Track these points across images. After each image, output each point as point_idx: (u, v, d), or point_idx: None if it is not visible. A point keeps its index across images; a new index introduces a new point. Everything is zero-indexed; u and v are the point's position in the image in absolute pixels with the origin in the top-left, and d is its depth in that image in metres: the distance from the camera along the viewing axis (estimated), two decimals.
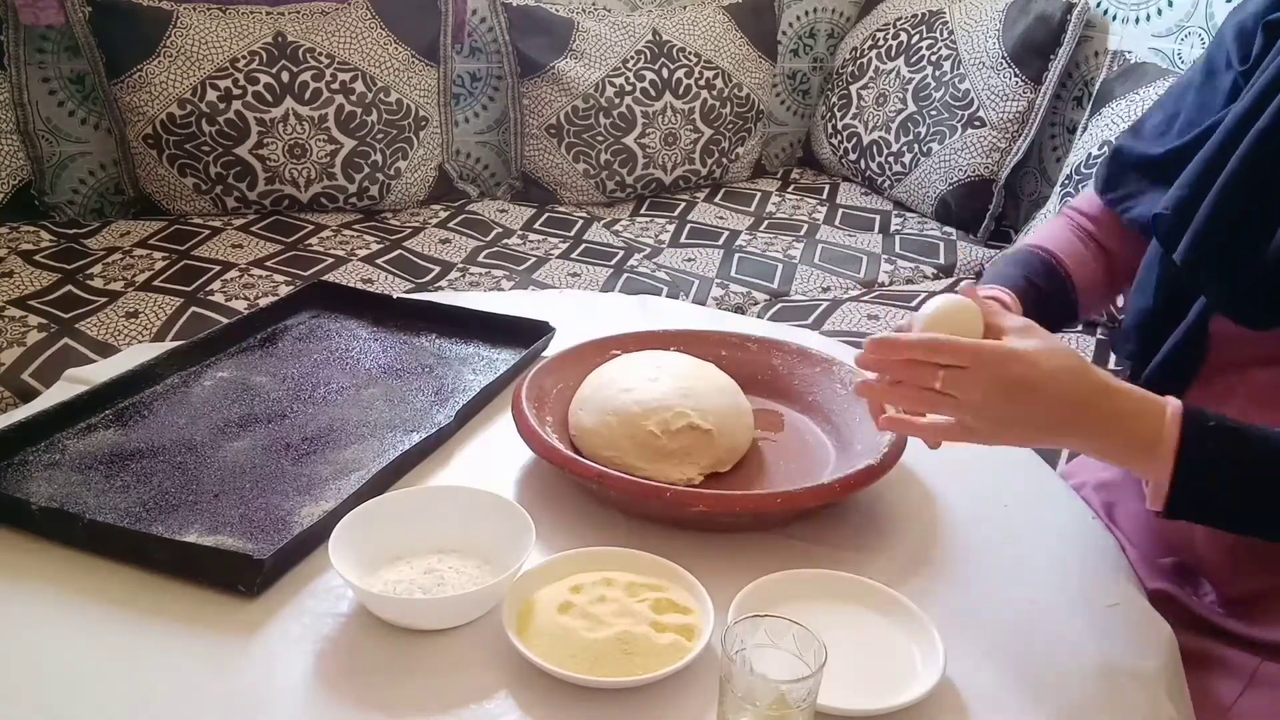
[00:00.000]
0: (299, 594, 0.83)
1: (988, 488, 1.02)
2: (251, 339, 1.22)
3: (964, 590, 0.88)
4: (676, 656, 0.74)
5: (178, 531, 0.87)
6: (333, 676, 0.75)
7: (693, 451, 0.96)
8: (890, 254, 2.22)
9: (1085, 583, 0.90)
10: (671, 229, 2.30)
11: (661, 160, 2.43)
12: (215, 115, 2.05)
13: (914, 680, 0.75)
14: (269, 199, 2.13)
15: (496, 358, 1.20)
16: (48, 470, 0.95)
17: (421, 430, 1.04)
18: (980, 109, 2.30)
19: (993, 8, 2.34)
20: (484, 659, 0.77)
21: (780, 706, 0.65)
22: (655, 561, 0.83)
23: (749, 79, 2.51)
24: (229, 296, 1.80)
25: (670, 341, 1.13)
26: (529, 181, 2.44)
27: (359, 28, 2.17)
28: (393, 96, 2.19)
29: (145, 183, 2.11)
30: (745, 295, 2.04)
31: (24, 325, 1.67)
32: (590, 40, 2.36)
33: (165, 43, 2.03)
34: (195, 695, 0.73)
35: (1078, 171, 1.98)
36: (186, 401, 1.08)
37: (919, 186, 2.39)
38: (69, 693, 0.73)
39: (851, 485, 0.91)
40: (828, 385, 1.09)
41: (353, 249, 2.02)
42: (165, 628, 0.79)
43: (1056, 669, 0.79)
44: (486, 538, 0.85)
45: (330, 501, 0.91)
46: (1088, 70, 2.33)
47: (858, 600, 0.83)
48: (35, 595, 0.82)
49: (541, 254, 2.10)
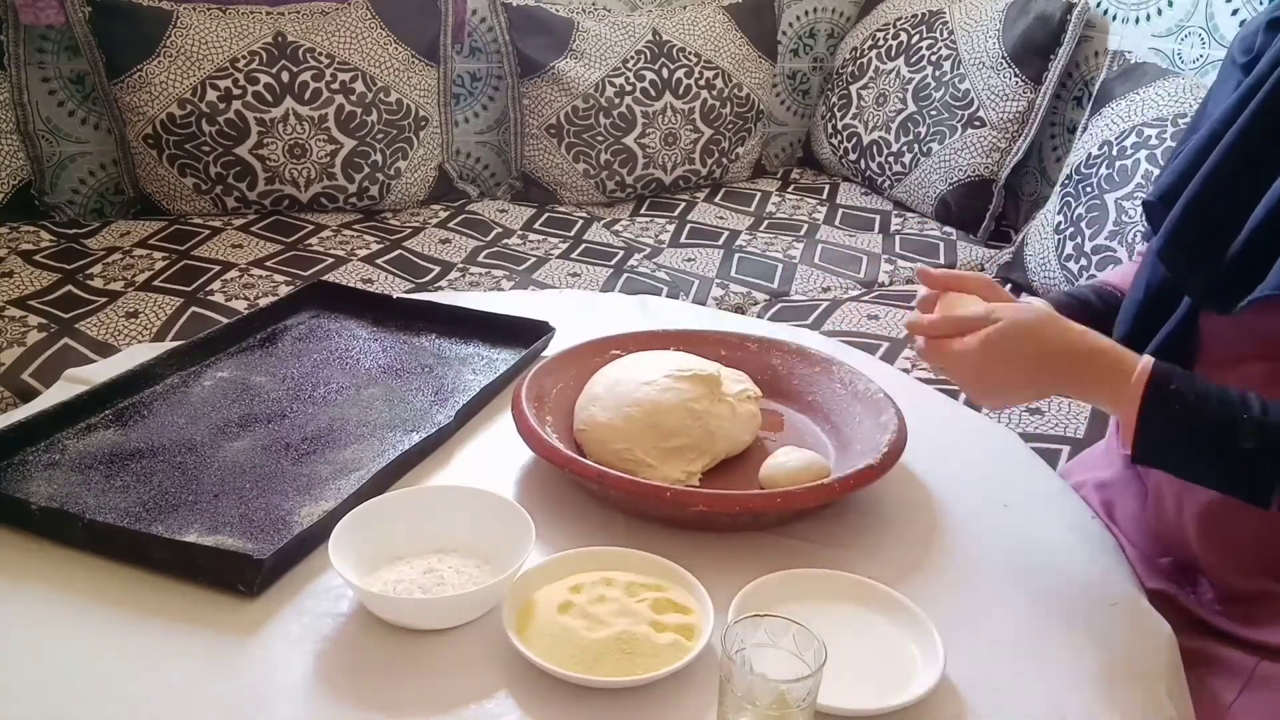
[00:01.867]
0: (299, 594, 0.83)
1: (988, 488, 1.02)
2: (251, 339, 1.22)
3: (964, 590, 0.88)
4: (676, 656, 0.74)
5: (178, 531, 0.87)
6: (333, 676, 0.75)
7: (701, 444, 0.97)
8: (890, 254, 2.22)
9: (1085, 583, 0.90)
10: (671, 229, 2.30)
11: (661, 160, 2.43)
12: (215, 115, 2.05)
13: (914, 680, 0.75)
14: (269, 199, 2.13)
15: (496, 358, 1.20)
16: (48, 470, 0.95)
17: (421, 430, 1.04)
18: (980, 109, 2.30)
19: (993, 8, 2.34)
20: (484, 659, 0.77)
21: (780, 706, 0.65)
22: (655, 561, 0.83)
23: (749, 79, 2.51)
24: (229, 296, 1.80)
25: (670, 341, 1.13)
26: (529, 181, 2.44)
27: (359, 28, 2.17)
28: (393, 96, 2.19)
29: (145, 183, 2.11)
30: (745, 295, 2.04)
31: (24, 325, 1.67)
32: (590, 40, 2.36)
33: (165, 43, 2.03)
34: (195, 695, 0.73)
35: (1077, 171, 1.98)
36: (186, 401, 1.08)
37: (919, 186, 2.39)
38: (69, 693, 0.73)
39: (851, 485, 0.91)
40: (828, 385, 1.09)
41: (353, 249, 2.02)
42: (165, 628, 0.79)
43: (1056, 669, 0.79)
44: (486, 538, 0.85)
45: (330, 501, 0.91)
46: (1088, 70, 2.33)
47: (858, 600, 0.83)
48: (35, 595, 0.82)
49: (541, 254, 2.10)
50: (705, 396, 0.99)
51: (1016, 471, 1.06)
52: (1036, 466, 1.08)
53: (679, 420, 0.97)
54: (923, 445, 1.01)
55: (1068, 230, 1.94)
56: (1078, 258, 1.90)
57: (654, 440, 0.96)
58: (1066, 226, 1.95)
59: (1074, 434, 1.55)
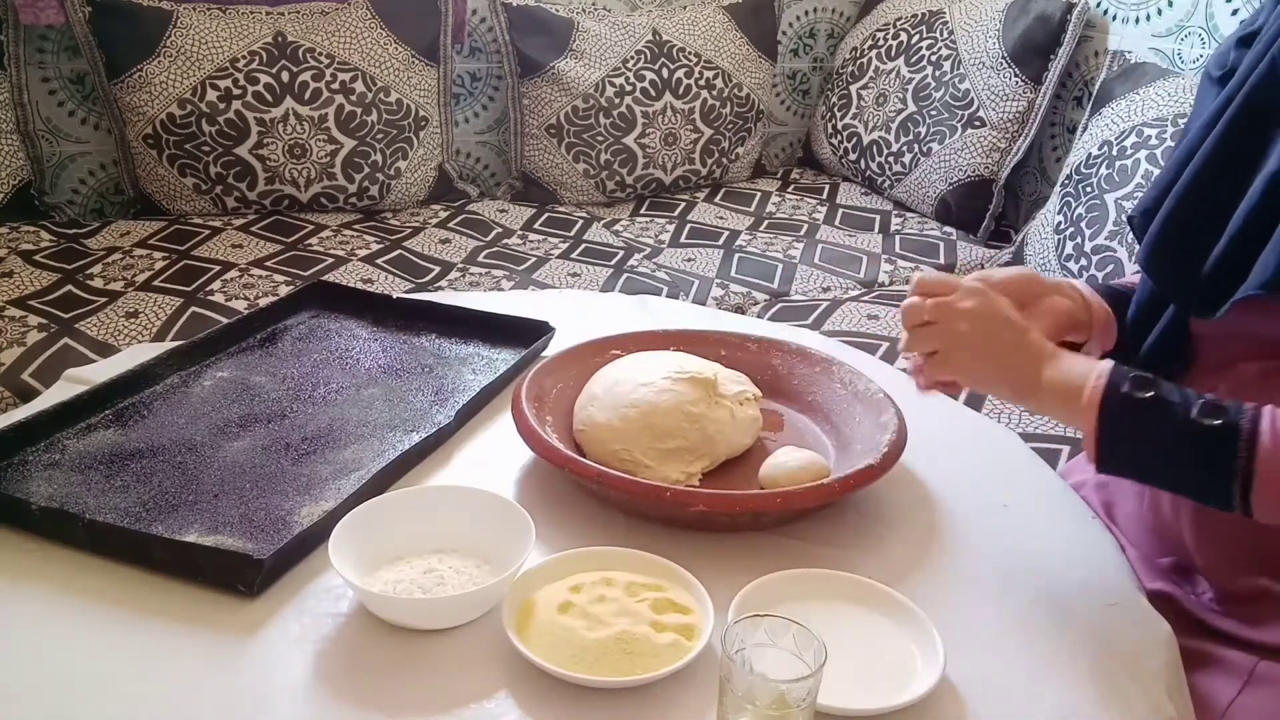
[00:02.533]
0: (299, 594, 0.83)
1: (988, 488, 1.02)
2: (251, 339, 1.22)
3: (964, 590, 0.88)
4: (676, 656, 0.74)
5: (178, 531, 0.87)
6: (333, 676, 0.75)
7: (699, 447, 0.97)
8: (890, 254, 2.22)
9: (1085, 583, 0.90)
10: (671, 229, 2.30)
11: (661, 160, 2.43)
12: (215, 115, 2.05)
13: (914, 680, 0.75)
14: (269, 199, 2.13)
15: (496, 358, 1.20)
16: (48, 470, 0.95)
17: (421, 430, 1.04)
18: (980, 109, 2.30)
19: (993, 8, 2.34)
20: (484, 659, 0.77)
21: (780, 706, 0.65)
22: (655, 561, 0.83)
23: (749, 79, 2.51)
24: (229, 296, 1.80)
25: (670, 341, 1.13)
26: (529, 181, 2.43)
27: (359, 28, 2.17)
28: (393, 96, 2.19)
29: (145, 183, 2.11)
30: (745, 295, 2.04)
31: (24, 325, 1.67)
32: (590, 40, 2.36)
33: (165, 43, 2.03)
34: (195, 695, 0.73)
35: (1077, 171, 1.98)
36: (186, 401, 1.08)
37: (919, 186, 2.39)
38: (69, 693, 0.73)
39: (851, 485, 0.91)
40: (828, 385, 1.09)
41: (353, 249, 2.02)
42: (165, 628, 0.79)
43: (1057, 669, 0.79)
44: (486, 538, 0.85)
45: (330, 501, 0.91)
46: (1088, 70, 2.33)
47: (858, 600, 0.83)
48: (35, 595, 0.82)
49: (541, 254, 2.09)
50: (702, 400, 0.99)
51: (1016, 471, 1.06)
52: (1036, 466, 1.08)
53: (675, 422, 0.97)
54: (923, 445, 1.01)
55: (1068, 230, 1.94)
56: (1078, 258, 1.90)
57: (650, 441, 0.96)
58: (1066, 226, 1.95)
59: (1074, 434, 1.54)
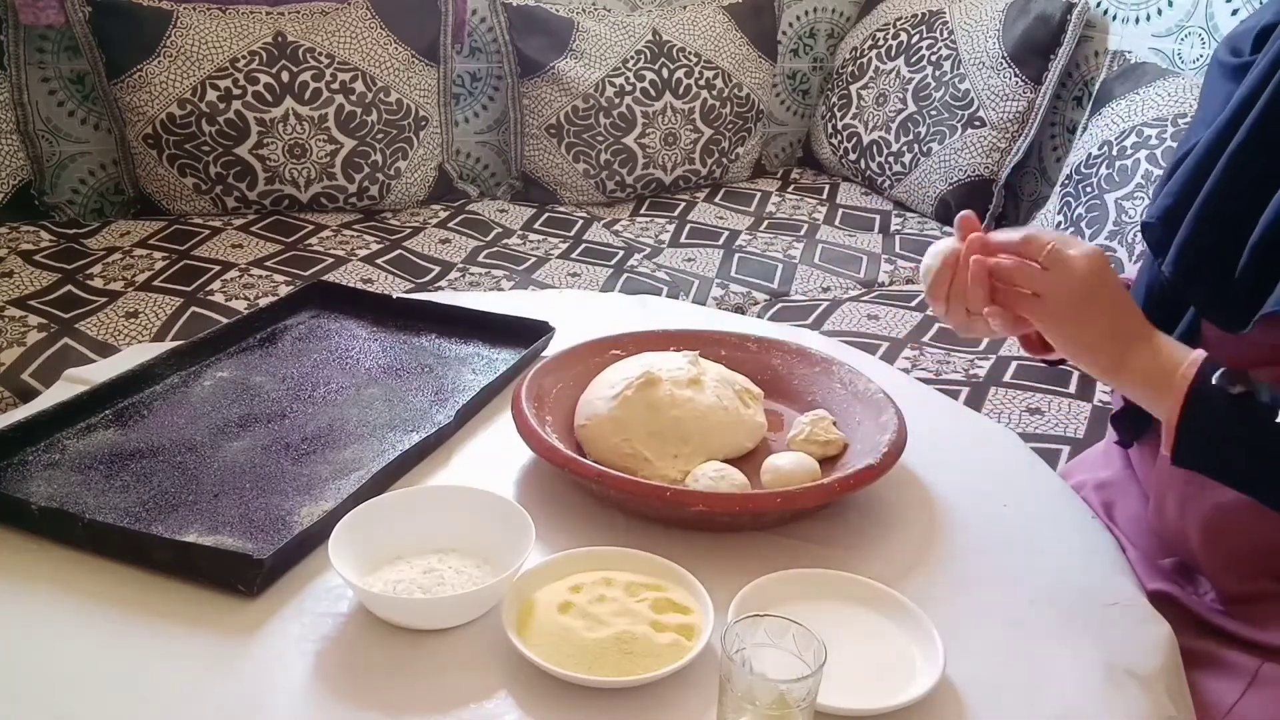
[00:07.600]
0: (299, 594, 0.83)
1: (988, 488, 1.02)
2: (251, 339, 1.22)
3: (964, 590, 0.88)
4: (676, 656, 0.74)
5: (177, 531, 0.87)
6: (333, 676, 0.75)
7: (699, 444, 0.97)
8: (890, 254, 2.22)
9: (1085, 583, 0.90)
10: (671, 229, 2.30)
11: (661, 160, 2.43)
12: (215, 115, 2.05)
13: (914, 680, 0.75)
14: (269, 199, 2.13)
15: (496, 358, 1.20)
16: (48, 470, 0.95)
17: (421, 430, 1.04)
18: (980, 109, 2.30)
19: (993, 8, 2.34)
20: (484, 659, 0.77)
21: (780, 706, 0.65)
22: (655, 561, 0.83)
23: (749, 79, 2.51)
24: (229, 296, 1.80)
25: (670, 341, 1.13)
26: (529, 181, 2.43)
27: (359, 28, 2.17)
28: (393, 96, 2.19)
29: (145, 183, 2.11)
30: (745, 295, 2.04)
31: (24, 325, 1.67)
32: (590, 40, 2.36)
33: (165, 43, 2.03)
34: (195, 695, 0.73)
35: (1077, 171, 1.98)
36: (186, 401, 1.08)
37: (919, 186, 2.39)
38: (69, 693, 0.73)
39: (851, 485, 0.91)
40: (828, 385, 1.09)
41: (353, 249, 2.02)
42: (165, 628, 0.79)
43: (1056, 669, 0.79)
44: (486, 538, 0.85)
45: (330, 501, 0.91)
46: (1088, 70, 2.33)
47: (858, 600, 0.83)
48: (35, 595, 0.82)
49: (541, 254, 2.09)
50: (696, 396, 0.99)
51: (1016, 471, 1.06)
52: (1036, 466, 1.08)
53: (672, 419, 0.97)
54: (923, 445, 1.01)
55: (1068, 230, 1.94)
56: None
57: (650, 436, 0.96)
58: (1067, 226, 1.95)
59: (1074, 434, 1.55)
